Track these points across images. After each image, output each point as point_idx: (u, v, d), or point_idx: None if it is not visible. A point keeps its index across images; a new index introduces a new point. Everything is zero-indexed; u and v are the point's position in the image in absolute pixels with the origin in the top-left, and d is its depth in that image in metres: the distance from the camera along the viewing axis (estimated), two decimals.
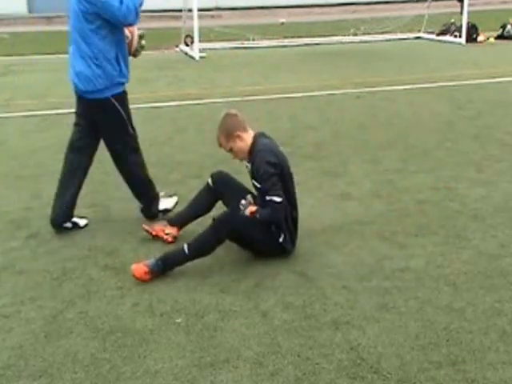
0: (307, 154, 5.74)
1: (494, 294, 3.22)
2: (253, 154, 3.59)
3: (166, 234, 3.85)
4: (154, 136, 6.49)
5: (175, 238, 3.86)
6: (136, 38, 4.07)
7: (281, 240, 3.61)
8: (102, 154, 5.90)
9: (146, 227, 3.90)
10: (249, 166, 3.69)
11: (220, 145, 3.71)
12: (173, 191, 4.63)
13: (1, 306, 3.20)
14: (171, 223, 3.90)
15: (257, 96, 8.44)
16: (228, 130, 3.61)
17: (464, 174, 5.07)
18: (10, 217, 4.38)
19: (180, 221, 3.91)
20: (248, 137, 3.63)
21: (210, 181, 3.89)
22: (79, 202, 4.64)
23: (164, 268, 3.44)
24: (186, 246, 3.45)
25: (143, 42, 4.15)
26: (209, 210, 3.90)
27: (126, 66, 3.96)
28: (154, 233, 3.87)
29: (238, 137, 3.60)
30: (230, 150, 3.67)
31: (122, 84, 3.98)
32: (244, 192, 3.79)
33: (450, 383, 2.54)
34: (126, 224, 4.20)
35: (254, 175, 3.63)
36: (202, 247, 3.48)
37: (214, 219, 3.49)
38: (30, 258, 3.75)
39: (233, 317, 3.05)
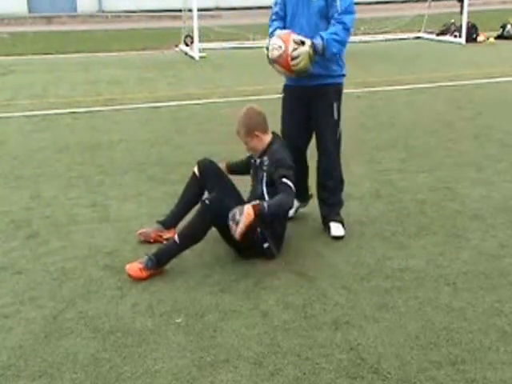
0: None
1: (494, 294, 3.22)
2: (269, 151, 3.64)
3: (165, 240, 3.83)
4: (154, 136, 6.50)
5: None
6: (290, 47, 3.55)
7: (265, 246, 3.61)
8: (102, 154, 5.93)
9: (142, 237, 3.87)
10: (257, 161, 3.72)
11: (237, 133, 3.74)
12: (172, 191, 4.64)
13: (1, 306, 3.19)
14: (166, 226, 3.88)
15: (257, 96, 8.43)
16: (249, 127, 3.65)
17: (464, 174, 5.07)
18: (10, 217, 4.38)
19: (174, 221, 3.90)
20: (266, 138, 3.69)
21: (196, 170, 3.90)
22: (79, 201, 4.65)
23: (158, 262, 3.42)
24: (176, 236, 3.47)
25: (298, 51, 3.52)
26: (198, 200, 3.89)
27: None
28: (152, 240, 3.85)
29: (257, 136, 3.66)
30: (245, 143, 3.73)
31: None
32: (227, 182, 3.84)
33: (449, 383, 2.54)
34: (125, 224, 4.20)
35: (262, 169, 3.64)
36: (192, 233, 3.48)
37: (201, 202, 3.51)
38: (30, 257, 3.75)
39: (233, 317, 3.05)
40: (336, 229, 3.93)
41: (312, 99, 3.87)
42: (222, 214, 3.41)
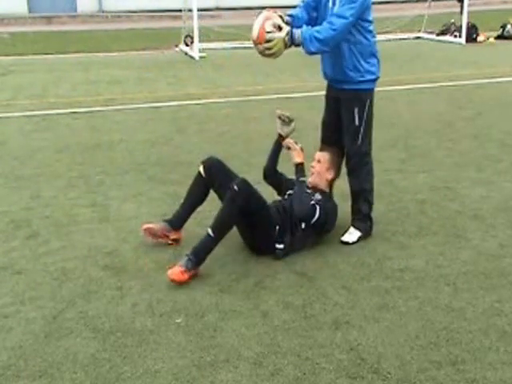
0: (308, 154, 5.67)
1: (494, 294, 3.22)
2: (324, 196, 3.85)
3: (172, 240, 3.82)
4: (154, 136, 6.49)
5: (177, 240, 3.84)
6: (267, 27, 3.56)
7: (277, 246, 3.62)
8: (102, 154, 5.93)
9: (148, 234, 3.82)
10: (309, 190, 3.82)
11: (321, 150, 4.00)
12: (172, 191, 4.64)
13: (1, 306, 3.20)
14: (174, 227, 3.84)
15: (257, 96, 8.44)
16: (335, 160, 3.94)
17: (464, 174, 5.07)
18: (9, 217, 4.38)
19: (181, 221, 3.89)
20: (330, 183, 3.97)
21: (201, 169, 3.87)
22: (79, 201, 4.65)
23: (197, 261, 3.40)
24: (209, 230, 3.44)
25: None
26: (203, 199, 3.90)
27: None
28: (156, 239, 3.83)
29: (331, 172, 3.93)
30: (320, 163, 3.93)
31: None
32: (235, 177, 3.84)
33: (449, 383, 2.54)
34: (125, 224, 4.20)
35: (311, 197, 3.74)
36: (225, 221, 3.47)
37: (229, 188, 3.48)
38: (30, 257, 3.75)
39: (233, 317, 3.05)
40: (348, 234, 3.91)
41: (338, 101, 3.93)
42: (250, 199, 3.49)
